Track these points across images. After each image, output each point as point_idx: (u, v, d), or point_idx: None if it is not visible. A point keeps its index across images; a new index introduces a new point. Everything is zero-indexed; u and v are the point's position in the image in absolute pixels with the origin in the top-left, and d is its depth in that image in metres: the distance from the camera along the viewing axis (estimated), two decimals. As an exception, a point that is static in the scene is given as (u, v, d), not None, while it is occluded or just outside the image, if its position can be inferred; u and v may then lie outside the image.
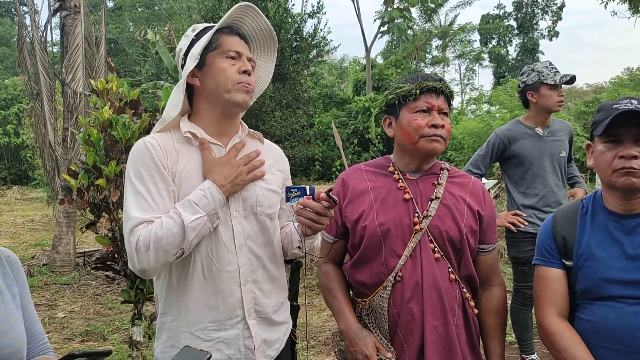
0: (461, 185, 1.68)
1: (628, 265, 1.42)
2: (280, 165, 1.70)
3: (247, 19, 1.61)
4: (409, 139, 1.62)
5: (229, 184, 1.47)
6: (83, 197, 2.99)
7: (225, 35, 1.55)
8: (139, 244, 1.36)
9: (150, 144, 1.47)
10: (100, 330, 4.70)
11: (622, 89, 14.85)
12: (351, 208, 1.67)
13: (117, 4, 31.06)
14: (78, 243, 7.56)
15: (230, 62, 1.53)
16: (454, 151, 14.54)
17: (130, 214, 1.41)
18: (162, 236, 1.35)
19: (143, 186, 1.43)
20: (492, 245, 1.70)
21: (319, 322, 4.72)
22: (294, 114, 16.87)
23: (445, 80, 1.67)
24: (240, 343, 1.49)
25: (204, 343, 1.46)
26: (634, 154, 1.39)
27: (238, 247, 1.50)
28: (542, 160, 3.07)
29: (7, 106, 20.90)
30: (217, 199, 1.43)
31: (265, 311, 1.55)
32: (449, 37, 32.90)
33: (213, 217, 1.43)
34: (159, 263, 1.38)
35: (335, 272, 1.77)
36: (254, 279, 1.53)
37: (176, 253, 1.38)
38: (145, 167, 1.44)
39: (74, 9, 6.91)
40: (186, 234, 1.36)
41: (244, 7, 1.57)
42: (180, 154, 1.50)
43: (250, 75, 1.55)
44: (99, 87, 3.20)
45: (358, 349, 1.60)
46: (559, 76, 2.99)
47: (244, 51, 1.56)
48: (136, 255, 1.37)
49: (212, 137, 1.55)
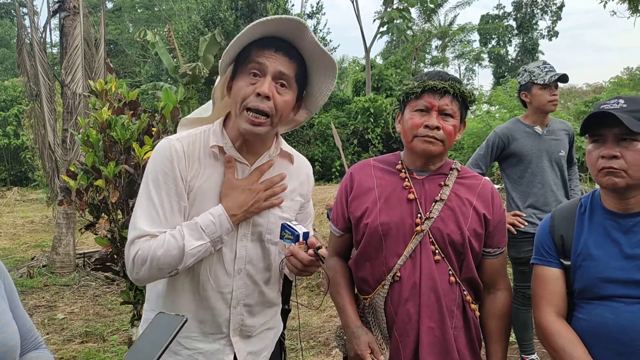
0: (469, 187, 1.64)
1: (626, 265, 1.42)
2: (303, 189, 1.59)
3: (295, 32, 1.38)
4: (405, 137, 1.62)
5: (241, 213, 1.40)
6: (82, 198, 2.99)
7: (256, 48, 1.37)
8: (137, 257, 1.35)
9: (175, 150, 1.39)
10: (100, 331, 4.69)
11: (621, 88, 14.84)
12: (356, 204, 1.67)
13: (117, 5, 31.08)
14: (78, 244, 7.55)
15: (250, 81, 1.36)
16: (454, 151, 14.52)
17: (136, 224, 1.37)
18: (161, 256, 1.33)
19: (157, 195, 1.38)
20: (499, 249, 1.67)
21: (319, 323, 4.72)
22: (294, 115, 16.85)
23: (458, 80, 1.60)
24: (219, 357, 1.48)
25: (184, 351, 1.45)
26: (614, 154, 1.39)
27: (236, 271, 1.46)
28: (540, 159, 3.07)
29: (7, 107, 20.88)
30: (225, 227, 1.38)
31: (250, 330, 1.53)
32: (448, 38, 32.88)
33: (217, 243, 1.39)
34: (152, 277, 1.39)
35: (341, 266, 1.77)
36: (246, 303, 1.49)
37: (170, 272, 1.37)
38: (164, 175, 1.38)
39: (73, 10, 6.91)
40: (184, 258, 1.34)
41: (285, 20, 1.34)
42: (203, 167, 1.42)
43: (270, 98, 1.34)
44: (98, 88, 3.20)
45: (352, 347, 1.62)
46: (549, 75, 2.99)
47: (273, 66, 1.35)
48: (132, 267, 1.37)
49: (240, 152, 1.45)
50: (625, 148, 1.39)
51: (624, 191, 1.43)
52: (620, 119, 1.35)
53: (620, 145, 1.40)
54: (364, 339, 1.61)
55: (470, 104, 1.62)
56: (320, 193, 11.56)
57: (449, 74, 1.61)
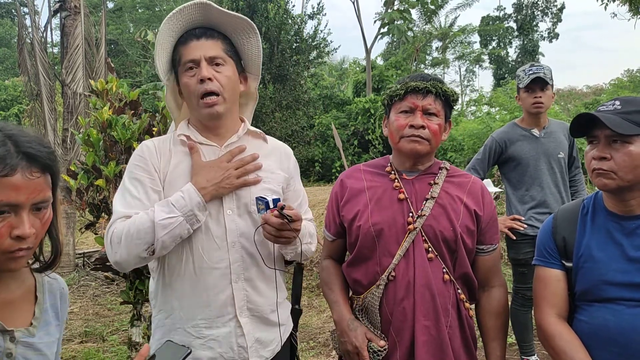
0: (459, 185, 1.67)
1: (628, 268, 1.41)
2: (283, 164, 1.68)
3: (196, 15, 1.54)
4: (392, 139, 1.66)
5: (211, 187, 1.47)
6: (82, 197, 2.99)
7: (182, 46, 1.53)
8: (113, 236, 1.42)
9: (147, 147, 1.54)
10: (100, 331, 4.69)
11: (621, 90, 14.86)
12: (348, 208, 1.68)
13: (118, 5, 31.10)
14: (77, 244, 7.55)
15: (190, 75, 1.51)
16: (454, 152, 14.54)
17: (114, 208, 1.48)
18: (134, 231, 1.39)
19: (131, 184, 1.49)
20: (492, 246, 1.68)
21: (319, 324, 4.72)
22: (294, 115, 16.88)
23: (439, 80, 1.65)
24: (232, 341, 1.49)
25: (196, 340, 1.47)
26: (603, 156, 1.40)
27: (230, 244, 1.50)
28: (538, 161, 3.07)
29: (8, 107, 20.90)
30: (194, 201, 1.43)
31: (260, 310, 1.54)
32: (449, 39, 32.90)
33: (191, 218, 1.43)
34: (131, 256, 1.41)
35: (334, 267, 1.79)
36: (246, 277, 1.52)
37: (147, 249, 1.40)
38: (137, 168, 1.51)
39: (74, 10, 6.92)
40: (155, 230, 1.38)
41: (186, 8, 1.51)
42: (173, 155, 1.54)
43: (212, 79, 1.49)
44: (98, 87, 3.20)
45: (348, 340, 1.61)
46: (527, 79, 3.00)
47: (201, 53, 1.50)
48: (110, 247, 1.43)
49: (207, 138, 1.57)
50: (616, 150, 1.39)
51: (619, 193, 1.43)
52: (604, 121, 1.36)
53: (612, 147, 1.40)
54: (360, 330, 1.61)
55: (453, 103, 1.67)
56: (320, 194, 11.56)
57: (431, 75, 1.65)
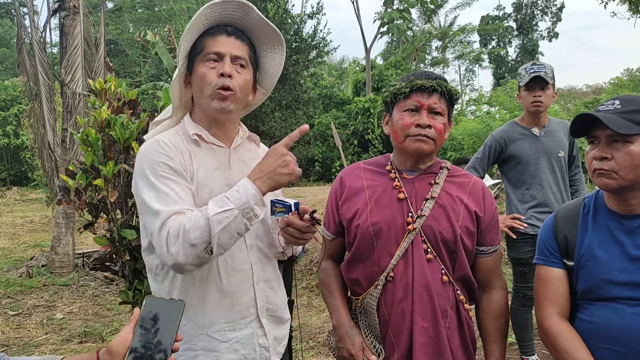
0: (460, 185, 1.64)
1: (629, 267, 1.40)
2: None
3: (236, 13, 1.50)
4: (396, 137, 1.62)
5: (266, 176, 1.36)
6: (81, 197, 2.98)
7: (210, 37, 1.48)
8: (169, 235, 1.30)
9: (164, 143, 1.43)
10: (99, 331, 4.68)
11: (621, 89, 14.85)
12: (347, 206, 1.67)
13: (117, 5, 31.08)
14: (77, 244, 7.54)
15: (210, 66, 1.46)
16: (454, 152, 14.54)
17: (155, 209, 1.34)
18: (190, 229, 1.29)
19: (164, 184, 1.37)
20: (493, 247, 1.66)
21: (318, 323, 4.71)
22: (294, 115, 16.87)
23: (443, 79, 1.62)
24: (255, 342, 1.50)
25: (221, 344, 1.46)
26: (604, 156, 1.40)
27: (249, 247, 1.51)
28: (538, 160, 3.07)
29: (7, 107, 20.88)
30: (250, 193, 1.33)
31: (276, 309, 1.58)
32: (448, 38, 32.92)
33: (247, 212, 1.33)
34: (190, 257, 1.30)
35: (333, 268, 1.78)
36: (265, 278, 1.55)
37: (205, 248, 1.30)
38: (163, 166, 1.39)
39: (73, 10, 6.90)
40: (211, 227, 1.29)
41: (228, 4, 1.47)
42: (193, 155, 1.47)
43: (232, 77, 1.45)
44: (97, 87, 3.19)
45: (345, 347, 1.61)
46: (527, 78, 3.00)
47: (228, 50, 1.47)
48: (166, 247, 1.30)
49: (215, 138, 1.54)
50: (616, 150, 1.38)
51: (620, 192, 1.42)
52: (604, 121, 1.35)
53: (613, 147, 1.39)
54: (357, 340, 1.61)
55: (455, 101, 1.66)
56: (320, 193, 11.56)
57: (435, 73, 1.63)
